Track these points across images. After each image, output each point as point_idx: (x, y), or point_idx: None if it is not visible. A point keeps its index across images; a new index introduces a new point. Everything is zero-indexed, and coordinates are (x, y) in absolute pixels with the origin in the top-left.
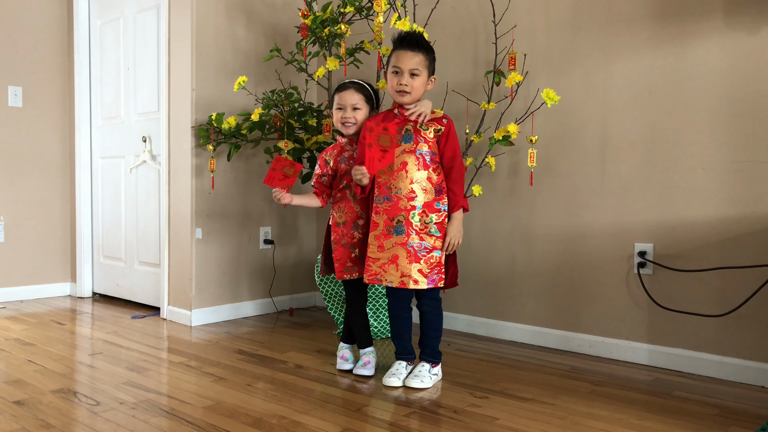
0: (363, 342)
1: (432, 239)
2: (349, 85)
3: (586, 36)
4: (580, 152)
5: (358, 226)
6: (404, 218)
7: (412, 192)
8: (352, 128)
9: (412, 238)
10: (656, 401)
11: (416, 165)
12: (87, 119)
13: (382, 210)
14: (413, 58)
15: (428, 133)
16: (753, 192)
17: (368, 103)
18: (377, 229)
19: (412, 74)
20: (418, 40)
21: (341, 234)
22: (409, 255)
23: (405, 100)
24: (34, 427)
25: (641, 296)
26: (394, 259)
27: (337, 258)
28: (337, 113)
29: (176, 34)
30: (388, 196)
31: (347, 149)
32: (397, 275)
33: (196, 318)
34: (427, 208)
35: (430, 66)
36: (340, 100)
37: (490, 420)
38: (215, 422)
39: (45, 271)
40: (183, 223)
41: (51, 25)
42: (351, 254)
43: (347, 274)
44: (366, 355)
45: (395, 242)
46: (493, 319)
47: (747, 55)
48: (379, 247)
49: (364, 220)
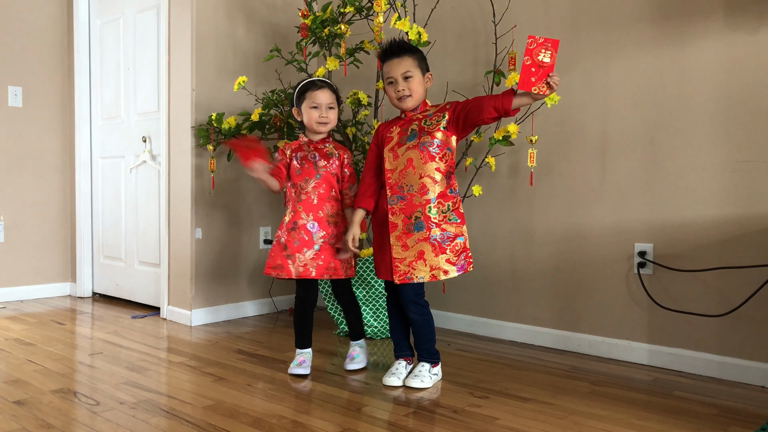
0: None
1: (453, 227)
2: (324, 85)
3: (586, 36)
4: (580, 152)
5: (297, 226)
6: (422, 213)
7: (423, 186)
8: (326, 127)
9: (433, 231)
10: (656, 401)
11: (421, 158)
12: (87, 119)
13: (398, 210)
14: (400, 63)
15: (433, 128)
16: (753, 192)
17: (339, 104)
18: (397, 229)
19: (405, 78)
20: (400, 45)
21: (281, 231)
22: (434, 248)
23: (408, 104)
24: (34, 427)
25: (641, 296)
26: (420, 255)
27: (270, 254)
28: (311, 111)
29: (176, 34)
30: (402, 195)
31: (304, 150)
32: (427, 270)
33: (196, 318)
34: (442, 198)
35: (421, 64)
36: (315, 98)
37: (490, 420)
38: (215, 422)
39: (45, 271)
40: (183, 223)
41: (51, 25)
42: (282, 252)
43: (275, 272)
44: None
45: (418, 238)
46: (493, 319)
47: (747, 55)
48: (402, 246)
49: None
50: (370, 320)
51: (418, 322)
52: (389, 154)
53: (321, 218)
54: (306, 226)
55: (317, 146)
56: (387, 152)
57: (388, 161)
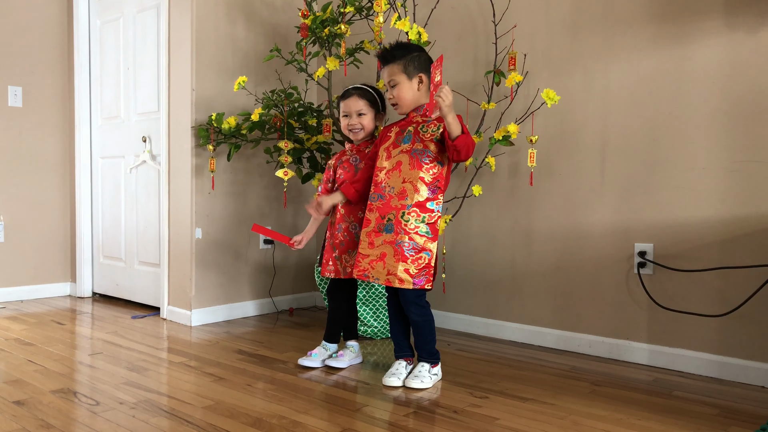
0: (346, 335)
1: (422, 239)
2: (352, 92)
3: (586, 36)
4: (580, 152)
5: (342, 229)
6: (394, 216)
7: (403, 191)
8: (360, 134)
9: (400, 236)
10: (656, 401)
11: (409, 164)
12: (87, 119)
13: (375, 207)
14: (388, 70)
15: (426, 134)
16: (753, 192)
17: (373, 107)
18: (369, 225)
19: (391, 86)
20: (387, 53)
21: (329, 234)
22: (397, 253)
23: (399, 111)
24: (34, 427)
25: (641, 296)
26: (382, 257)
27: (324, 256)
28: (343, 120)
29: (176, 34)
30: (382, 194)
31: (347, 154)
32: (384, 273)
33: (196, 318)
34: (419, 207)
35: (408, 68)
36: (345, 107)
37: (490, 420)
38: (215, 422)
39: (45, 271)
40: (183, 223)
41: (51, 25)
42: (333, 253)
43: (328, 272)
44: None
45: (384, 240)
46: (493, 319)
47: (747, 55)
48: (369, 243)
49: (348, 223)
50: (370, 320)
51: (419, 323)
52: (383, 153)
53: (361, 219)
54: (348, 228)
55: (359, 149)
56: (382, 150)
57: (381, 159)
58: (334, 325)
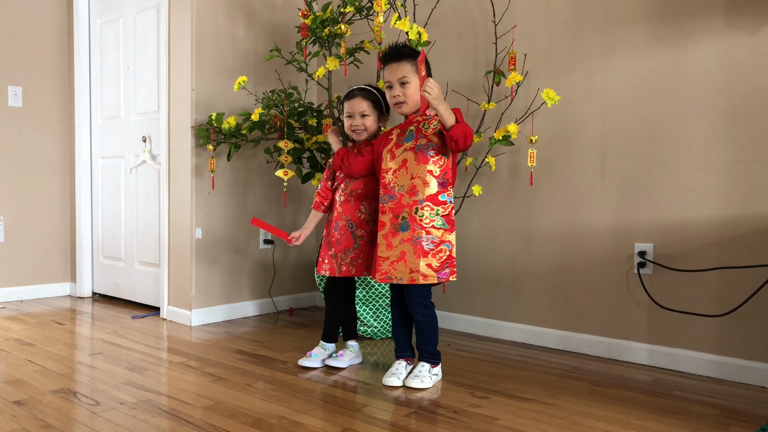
0: (346, 335)
1: (440, 232)
2: (357, 93)
3: (586, 36)
4: (580, 152)
5: (339, 227)
6: (408, 214)
7: (413, 187)
8: (363, 134)
9: (417, 233)
10: (656, 401)
11: (415, 160)
12: (87, 119)
13: (387, 209)
14: (398, 68)
15: (428, 130)
16: (753, 192)
17: (376, 109)
18: (384, 228)
19: (402, 83)
20: (400, 50)
21: (326, 232)
22: (416, 250)
23: (404, 110)
24: (34, 427)
25: (641, 296)
26: (402, 256)
27: (320, 253)
28: (346, 121)
29: (176, 34)
30: (392, 195)
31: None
32: (406, 272)
33: (196, 318)
34: (432, 201)
35: (416, 69)
36: (349, 108)
37: (490, 420)
38: (215, 422)
39: (45, 271)
40: (183, 223)
41: (51, 25)
42: (329, 251)
43: (323, 270)
44: (342, 349)
45: (402, 239)
46: (493, 319)
47: (747, 55)
48: (387, 245)
49: (345, 221)
50: (370, 320)
51: (423, 323)
52: (387, 155)
53: (358, 218)
54: (345, 226)
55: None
56: (385, 153)
57: (386, 162)
58: (332, 324)
